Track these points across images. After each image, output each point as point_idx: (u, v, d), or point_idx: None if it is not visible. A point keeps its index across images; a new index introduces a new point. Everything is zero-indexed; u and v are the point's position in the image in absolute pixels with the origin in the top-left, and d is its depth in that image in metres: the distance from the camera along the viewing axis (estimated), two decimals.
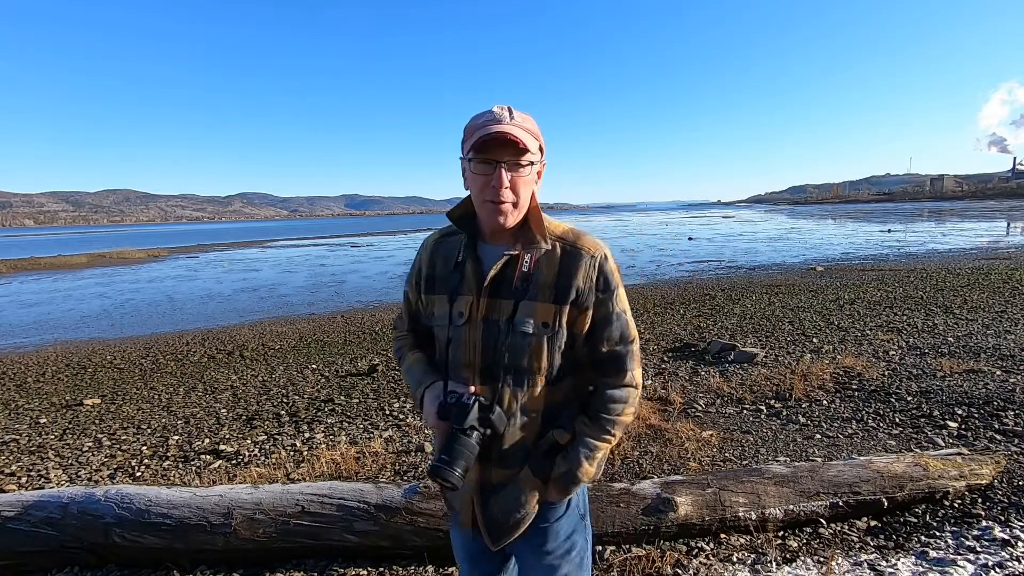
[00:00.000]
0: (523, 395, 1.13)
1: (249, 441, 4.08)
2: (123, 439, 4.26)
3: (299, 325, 9.41)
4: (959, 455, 2.78)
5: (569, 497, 1.19)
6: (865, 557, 2.23)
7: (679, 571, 2.18)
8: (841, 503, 2.44)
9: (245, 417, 4.69)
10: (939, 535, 2.34)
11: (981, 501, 2.56)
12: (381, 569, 2.27)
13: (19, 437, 4.39)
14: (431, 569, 2.26)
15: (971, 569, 2.10)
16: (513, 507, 1.17)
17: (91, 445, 4.15)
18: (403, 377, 1.29)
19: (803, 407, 4.05)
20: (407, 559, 2.30)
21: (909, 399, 4.01)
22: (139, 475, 3.58)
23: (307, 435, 4.16)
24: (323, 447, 3.76)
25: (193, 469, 3.59)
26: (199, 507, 2.28)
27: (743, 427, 3.76)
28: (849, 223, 37.95)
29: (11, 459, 3.92)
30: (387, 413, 4.56)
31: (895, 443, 3.35)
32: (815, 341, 6.02)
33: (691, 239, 27.81)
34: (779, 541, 2.35)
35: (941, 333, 5.97)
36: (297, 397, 5.20)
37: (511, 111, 1.09)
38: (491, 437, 1.09)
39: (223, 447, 3.96)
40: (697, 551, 2.30)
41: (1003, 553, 2.17)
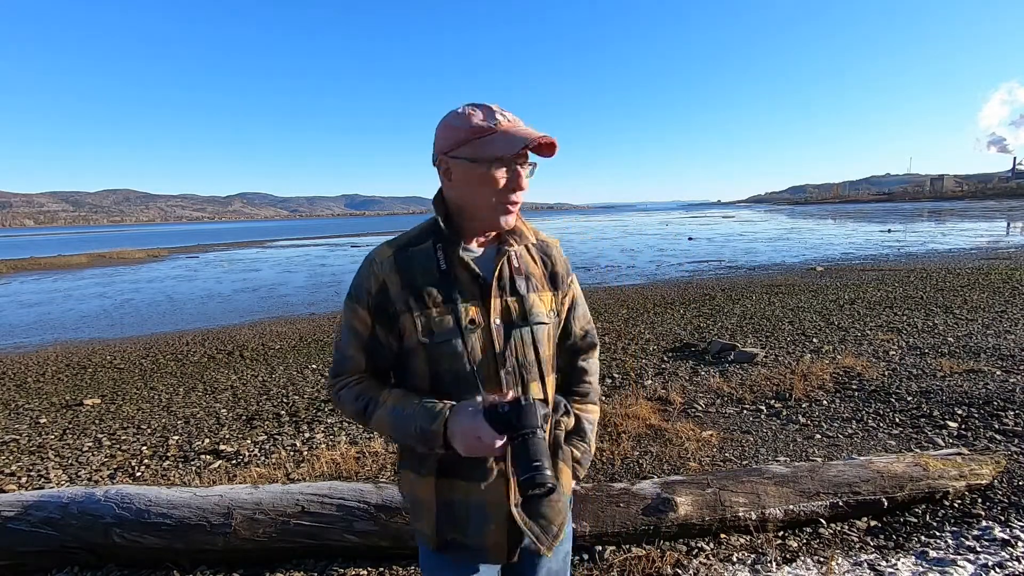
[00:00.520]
0: (543, 389, 1.14)
1: (249, 441, 4.08)
2: (123, 439, 4.26)
3: (299, 325, 9.41)
4: (959, 455, 2.78)
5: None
6: (865, 557, 2.23)
7: (679, 571, 2.18)
8: (841, 503, 2.44)
9: (245, 417, 4.69)
10: (939, 535, 2.34)
11: (981, 501, 2.56)
12: (381, 569, 2.27)
13: (19, 437, 4.39)
14: None
15: (971, 569, 2.10)
16: (559, 501, 1.16)
17: (91, 445, 4.15)
18: (385, 425, 1.06)
19: (803, 407, 4.05)
20: (407, 559, 2.30)
21: (909, 399, 4.01)
22: (139, 475, 3.58)
23: (307, 435, 4.16)
24: (323, 447, 3.76)
25: (193, 469, 3.59)
26: (199, 507, 2.28)
27: (743, 427, 3.76)
28: (849, 223, 37.96)
29: (11, 459, 3.92)
30: None
31: (895, 443, 3.35)
32: (815, 341, 6.02)
33: (691, 239, 27.81)
34: (779, 541, 2.35)
35: (941, 333, 5.97)
36: (297, 397, 5.20)
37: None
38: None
39: (223, 447, 3.96)
40: (697, 551, 2.30)
41: (1003, 553, 2.17)
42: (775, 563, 2.20)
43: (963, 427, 3.48)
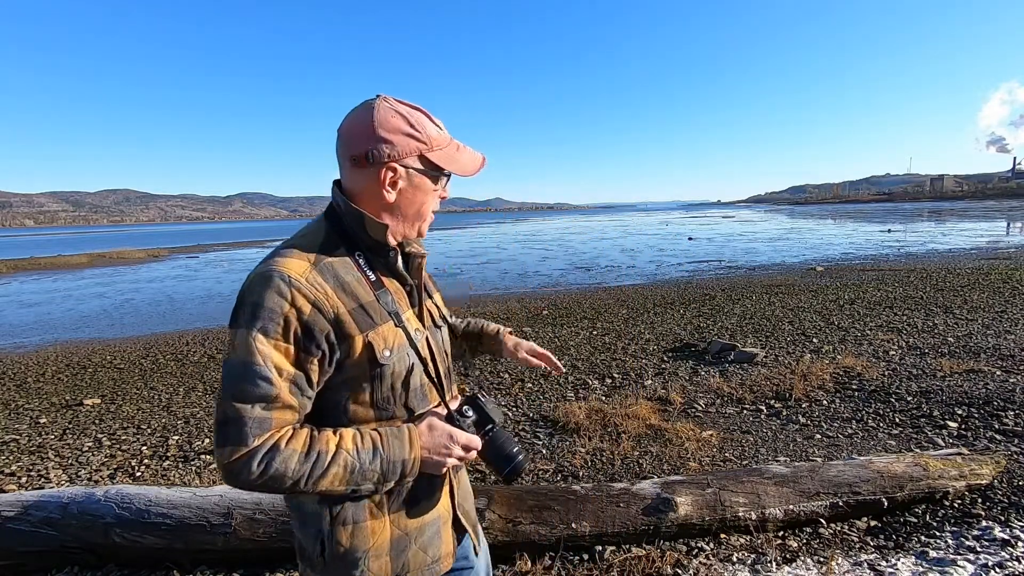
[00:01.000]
0: (456, 387, 1.17)
1: None
2: (123, 439, 4.25)
3: None
4: (959, 455, 2.78)
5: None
6: (865, 557, 2.23)
7: (679, 571, 2.18)
8: (841, 503, 2.44)
9: None
10: (939, 535, 2.34)
11: (981, 501, 2.56)
12: None
13: (19, 437, 4.39)
14: None
15: (971, 569, 2.10)
16: (470, 492, 1.23)
17: (91, 445, 4.15)
18: (342, 478, 0.89)
19: (803, 407, 4.05)
20: None
21: (909, 399, 4.01)
22: (139, 475, 3.58)
23: None
24: None
25: (193, 469, 3.59)
26: (199, 507, 2.29)
27: (743, 427, 3.76)
28: (849, 223, 37.96)
29: (11, 459, 3.92)
30: None
31: (895, 443, 3.35)
32: (815, 341, 6.02)
33: (691, 239, 27.81)
34: (779, 541, 2.35)
35: (941, 333, 5.97)
36: None
37: None
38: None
39: None
40: (697, 551, 2.30)
41: (1003, 553, 2.17)
42: (775, 563, 2.20)
43: (963, 427, 3.48)
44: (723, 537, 2.37)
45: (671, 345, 6.28)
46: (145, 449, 4.02)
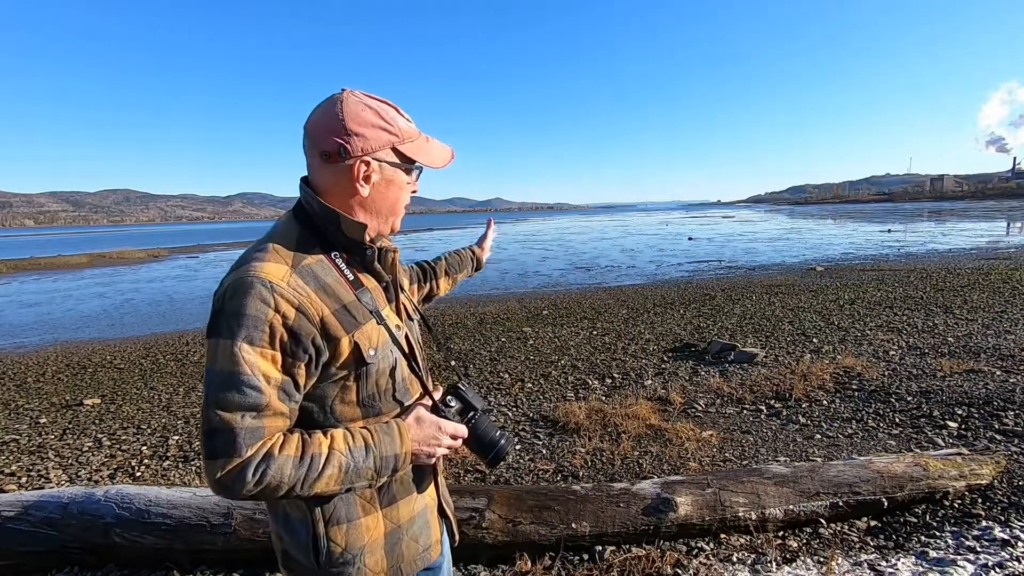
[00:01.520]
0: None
1: None
2: (123, 439, 4.25)
3: None
4: (959, 455, 2.78)
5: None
6: (865, 557, 2.23)
7: (679, 571, 2.18)
8: (841, 503, 2.44)
9: None
10: (939, 535, 2.34)
11: (981, 501, 2.56)
12: None
13: (19, 437, 4.39)
14: None
15: (971, 569, 2.10)
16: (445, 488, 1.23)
17: (91, 445, 4.15)
18: (336, 478, 0.88)
19: (803, 407, 4.05)
20: None
21: (909, 399, 4.01)
22: (139, 475, 3.58)
23: None
24: None
25: (193, 469, 3.59)
26: (199, 507, 2.28)
27: (743, 427, 3.76)
28: (849, 223, 37.95)
29: (11, 459, 3.92)
30: None
31: (895, 443, 3.35)
32: (815, 341, 6.02)
33: (691, 239, 27.81)
34: (779, 541, 2.35)
35: (941, 333, 5.97)
36: None
37: None
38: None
39: None
40: (697, 551, 2.30)
41: (1003, 553, 2.17)
42: (775, 563, 2.20)
43: (963, 427, 3.48)
44: (723, 537, 2.37)
45: (671, 345, 6.28)
46: (145, 449, 4.02)
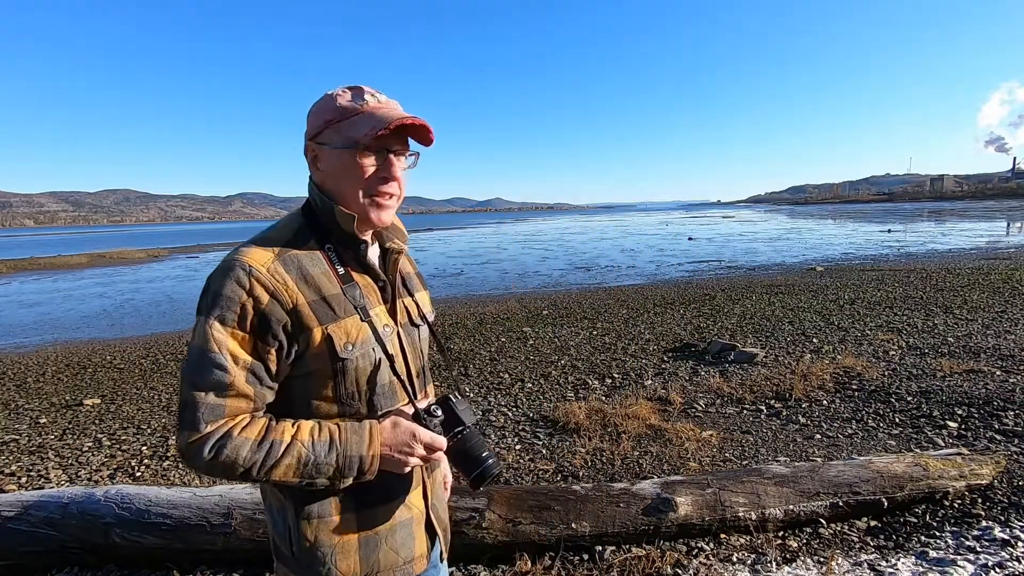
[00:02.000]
0: (431, 386, 1.15)
1: None
2: (123, 439, 4.25)
3: None
4: (959, 455, 2.78)
5: None
6: (865, 557, 2.23)
7: (679, 571, 2.18)
8: (841, 503, 2.44)
9: None
10: (939, 535, 2.34)
11: (981, 501, 2.56)
12: None
13: (19, 437, 4.39)
14: None
15: (971, 569, 2.10)
16: (445, 501, 1.21)
17: (91, 445, 4.15)
18: (295, 469, 0.88)
19: (803, 407, 4.05)
20: None
21: (909, 399, 4.01)
22: (139, 475, 3.58)
23: None
24: None
25: None
26: (199, 507, 2.28)
27: (743, 427, 3.76)
28: (849, 223, 37.96)
29: (11, 459, 3.91)
30: None
31: (895, 443, 3.35)
32: (815, 341, 6.02)
33: (691, 239, 27.81)
34: (779, 541, 2.35)
35: (941, 333, 5.97)
36: None
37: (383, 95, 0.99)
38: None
39: None
40: (697, 551, 2.30)
41: (1003, 553, 2.17)
42: (775, 563, 2.20)
43: (963, 427, 3.48)
44: (723, 537, 2.37)
45: (671, 345, 6.28)
46: (145, 449, 4.02)
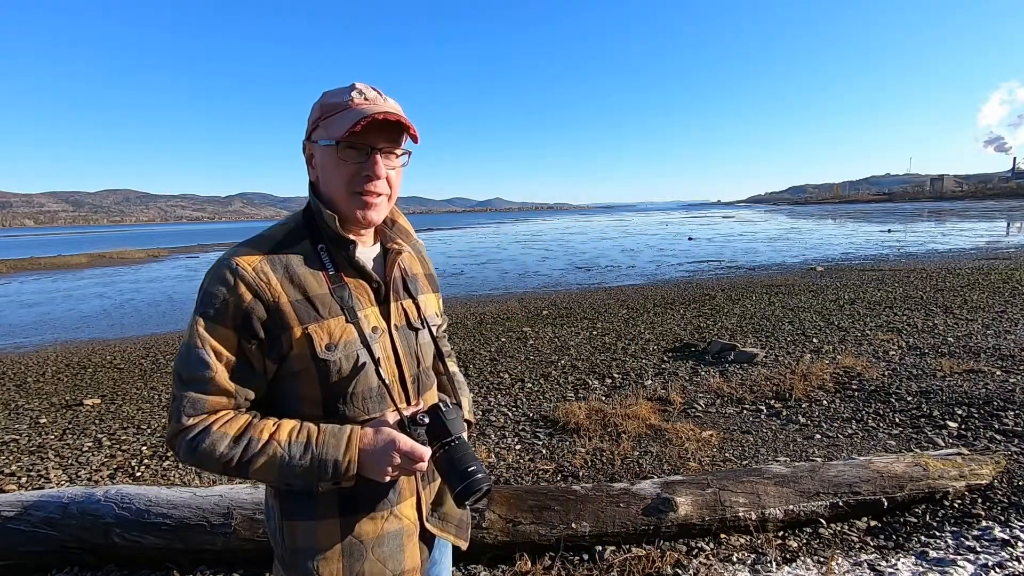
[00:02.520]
0: (433, 393, 1.12)
1: None
2: (123, 439, 4.25)
3: None
4: (959, 455, 2.78)
5: None
6: (865, 557, 2.23)
7: (679, 571, 2.18)
8: (841, 503, 2.44)
9: None
10: (939, 535, 2.34)
11: (981, 501, 2.56)
12: None
13: (19, 437, 4.39)
14: None
15: (971, 569, 2.10)
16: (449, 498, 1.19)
17: (91, 445, 4.15)
18: (274, 468, 0.89)
19: (803, 407, 4.05)
20: None
21: (909, 399, 4.01)
22: (139, 475, 3.58)
23: None
24: None
25: (192, 469, 3.59)
26: (199, 507, 2.28)
27: (743, 427, 3.76)
28: (849, 223, 37.96)
29: (11, 459, 3.91)
30: None
31: (895, 443, 3.35)
32: (815, 341, 6.02)
33: (691, 239, 27.81)
34: (779, 541, 2.35)
35: (941, 333, 5.97)
36: None
37: (380, 92, 0.96)
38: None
39: None
40: (697, 551, 2.30)
41: (1003, 553, 2.17)
42: (775, 563, 2.20)
43: (963, 427, 3.48)
44: (723, 537, 2.37)
45: (671, 345, 6.28)
46: (145, 449, 4.02)
